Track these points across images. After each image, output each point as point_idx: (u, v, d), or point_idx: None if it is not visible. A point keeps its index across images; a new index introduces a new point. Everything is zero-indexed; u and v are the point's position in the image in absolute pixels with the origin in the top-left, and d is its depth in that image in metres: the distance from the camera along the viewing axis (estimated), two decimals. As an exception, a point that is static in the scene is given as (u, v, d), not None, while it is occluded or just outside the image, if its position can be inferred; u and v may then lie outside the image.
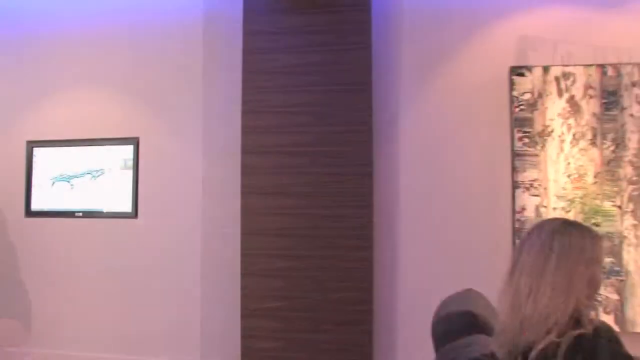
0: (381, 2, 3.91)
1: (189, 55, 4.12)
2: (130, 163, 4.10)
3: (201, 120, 4.08)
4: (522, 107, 3.69)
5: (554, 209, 3.62)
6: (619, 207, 3.58)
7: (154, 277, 4.09)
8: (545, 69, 3.68)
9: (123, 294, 4.11)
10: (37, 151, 4.22)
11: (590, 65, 3.65)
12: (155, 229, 4.10)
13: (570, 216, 3.56)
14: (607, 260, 3.54)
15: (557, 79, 3.67)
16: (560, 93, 3.67)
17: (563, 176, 3.63)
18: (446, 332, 2.08)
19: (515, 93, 3.70)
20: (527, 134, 3.67)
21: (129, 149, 4.10)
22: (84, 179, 4.14)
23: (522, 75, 3.70)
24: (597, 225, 3.56)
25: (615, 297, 3.56)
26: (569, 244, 1.74)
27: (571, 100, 3.65)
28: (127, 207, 4.09)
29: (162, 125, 4.13)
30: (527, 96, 3.69)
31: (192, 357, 4.01)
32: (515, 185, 3.66)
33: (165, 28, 4.17)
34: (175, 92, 4.13)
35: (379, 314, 3.79)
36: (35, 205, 4.22)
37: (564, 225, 1.81)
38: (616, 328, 3.36)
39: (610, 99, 3.62)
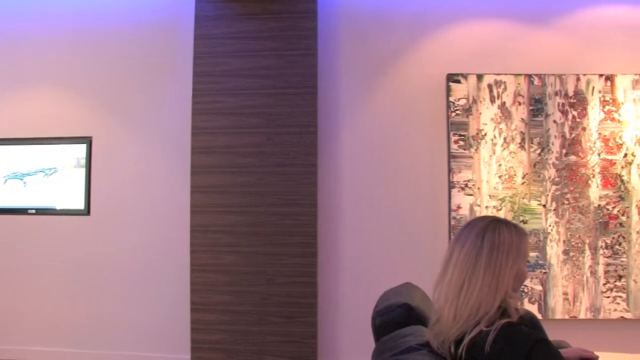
0: (328, 10, 4.06)
1: (142, 57, 4.17)
2: (83, 162, 4.11)
3: (153, 120, 4.14)
4: (457, 112, 3.90)
5: (487, 207, 3.85)
6: (544, 205, 3.84)
7: (105, 272, 4.11)
8: (479, 77, 3.91)
9: (75, 289, 4.12)
10: (-11, 149, 4.17)
11: (520, 74, 3.90)
12: (107, 226, 4.13)
13: (501, 214, 3.80)
14: (533, 254, 3.80)
15: (490, 87, 3.90)
16: (492, 99, 3.89)
17: (495, 177, 3.86)
18: (385, 323, 2.14)
19: (451, 99, 3.90)
20: (463, 137, 3.89)
21: (82, 148, 4.11)
22: (37, 177, 4.13)
23: (458, 82, 3.91)
24: (524, 222, 3.82)
25: (539, 288, 3.81)
26: (498, 240, 1.81)
27: (502, 106, 3.89)
28: (80, 205, 4.10)
29: (115, 125, 4.16)
30: (463, 102, 3.90)
31: (141, 350, 4.06)
32: (451, 185, 3.87)
33: (120, 30, 4.20)
34: (128, 92, 4.16)
35: (323, 308, 3.94)
36: (-13, 203, 4.18)
37: (493, 223, 1.87)
38: (539, 316, 3.65)
39: (536, 106, 3.88)
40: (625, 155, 3.83)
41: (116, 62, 4.18)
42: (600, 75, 3.87)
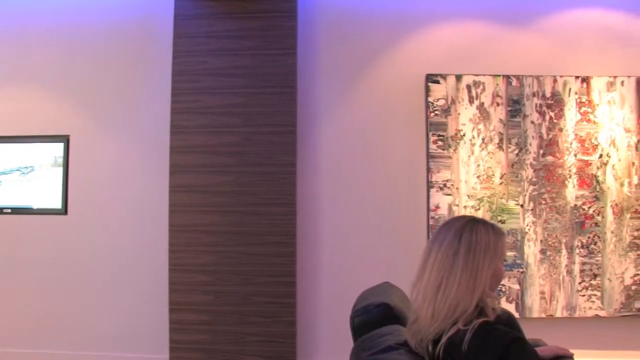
0: (307, 10, 4.06)
1: (121, 55, 4.14)
2: (61, 160, 4.08)
3: (131, 119, 4.11)
4: (436, 112, 3.92)
5: (465, 207, 3.88)
6: (522, 205, 3.88)
7: (82, 272, 4.07)
8: (458, 78, 3.94)
9: (52, 289, 4.08)
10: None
11: (498, 75, 3.94)
12: (85, 226, 4.09)
13: (480, 214, 3.83)
14: (510, 254, 3.84)
15: (468, 87, 3.93)
16: (471, 100, 3.93)
17: (473, 177, 3.89)
18: (363, 322, 2.16)
19: (430, 99, 3.93)
20: (441, 138, 3.91)
21: (60, 147, 4.07)
22: (13, 176, 4.08)
23: (437, 82, 3.94)
24: (502, 222, 3.85)
25: (516, 287, 3.86)
26: (475, 240, 1.83)
27: (481, 107, 3.92)
28: (57, 204, 4.06)
29: (93, 124, 4.12)
30: (442, 102, 3.92)
31: (121, 351, 4.03)
32: (429, 185, 3.89)
33: (98, 28, 4.16)
34: (106, 91, 4.12)
35: (302, 308, 3.95)
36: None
37: (471, 223, 1.88)
38: (516, 315, 3.68)
39: (514, 107, 3.92)
40: (601, 156, 3.88)
41: (95, 60, 4.15)
42: (577, 77, 3.92)
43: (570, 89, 3.91)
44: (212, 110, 3.84)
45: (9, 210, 4.13)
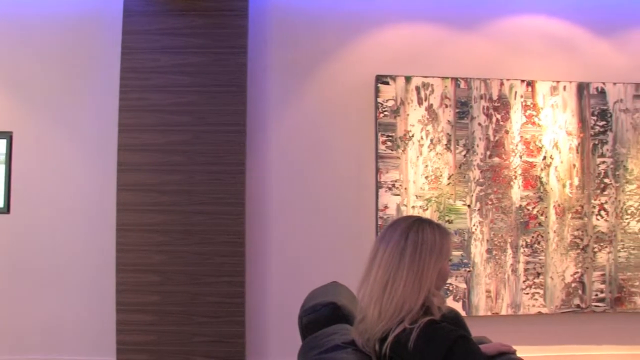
0: (259, 9, 4.05)
1: (67, 50, 4.03)
2: (3, 158, 3.96)
3: (78, 116, 4.01)
4: (386, 113, 3.96)
5: (413, 207, 3.93)
6: (469, 206, 3.96)
7: (26, 272, 3.96)
8: (408, 79, 3.99)
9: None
10: None
11: (447, 77, 4.01)
12: (29, 225, 3.98)
13: (428, 214, 3.89)
14: (457, 253, 3.91)
15: (417, 89, 3.99)
16: (420, 101, 3.98)
17: (421, 177, 3.95)
18: (311, 322, 2.18)
19: (380, 100, 3.97)
20: (390, 138, 3.96)
21: (2, 144, 3.95)
22: (-45, 173, 3.95)
23: (386, 83, 3.98)
24: (450, 222, 3.93)
25: (463, 286, 3.93)
26: (421, 240, 1.85)
27: (429, 108, 3.98)
28: None
29: (37, 120, 4.01)
30: (391, 103, 3.97)
31: (67, 354, 3.94)
32: (378, 185, 3.93)
33: (44, 23, 4.04)
34: (52, 87, 4.01)
35: (251, 307, 3.94)
36: None
37: (417, 223, 1.91)
38: (463, 313, 3.77)
39: (462, 108, 4.00)
40: (544, 158, 4.00)
41: (39, 54, 4.03)
42: (522, 81, 4.03)
43: (516, 92, 4.01)
44: (161, 108, 3.79)
45: (-51, 209, 4.00)
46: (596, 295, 3.97)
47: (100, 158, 3.98)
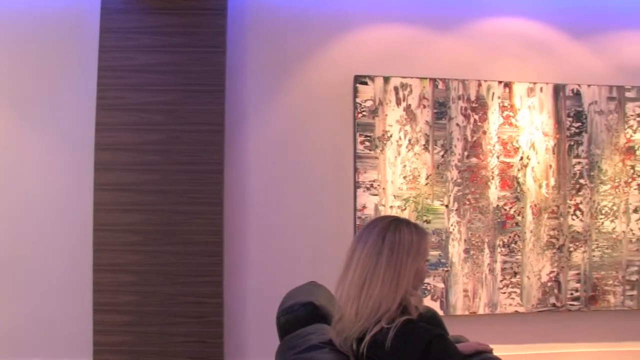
0: (238, 8, 4.04)
1: (43, 47, 3.97)
2: (-23, 157, 3.91)
3: (53, 115, 3.95)
4: (364, 113, 3.98)
5: (391, 207, 3.95)
6: (446, 206, 3.99)
7: (1, 272, 3.90)
8: (386, 79, 4.00)
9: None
10: None
11: (425, 78, 4.03)
12: (4, 224, 3.93)
13: (406, 214, 3.92)
14: (435, 253, 3.94)
15: (396, 89, 4.01)
16: (398, 102, 4.00)
17: (399, 177, 3.97)
18: (289, 322, 2.19)
19: (358, 100, 3.98)
20: (368, 138, 3.97)
21: (-24, 143, 3.90)
22: None
23: (365, 84, 3.99)
24: (427, 222, 3.95)
25: (441, 285, 3.96)
26: (398, 240, 1.87)
27: (408, 109, 4.01)
28: (-26, 203, 3.90)
29: (11, 119, 3.95)
30: (369, 103, 3.98)
31: (43, 356, 3.89)
32: (356, 185, 3.95)
33: (20, 19, 3.98)
34: (26, 85, 3.95)
35: (229, 307, 3.92)
36: None
37: (394, 223, 1.93)
38: (441, 313, 3.79)
39: (440, 109, 4.02)
40: (521, 158, 4.04)
41: (15, 52, 3.96)
42: (500, 82, 4.07)
43: (493, 94, 4.05)
44: (139, 107, 3.76)
45: None
46: (571, 294, 4.03)
47: (77, 157, 3.93)
